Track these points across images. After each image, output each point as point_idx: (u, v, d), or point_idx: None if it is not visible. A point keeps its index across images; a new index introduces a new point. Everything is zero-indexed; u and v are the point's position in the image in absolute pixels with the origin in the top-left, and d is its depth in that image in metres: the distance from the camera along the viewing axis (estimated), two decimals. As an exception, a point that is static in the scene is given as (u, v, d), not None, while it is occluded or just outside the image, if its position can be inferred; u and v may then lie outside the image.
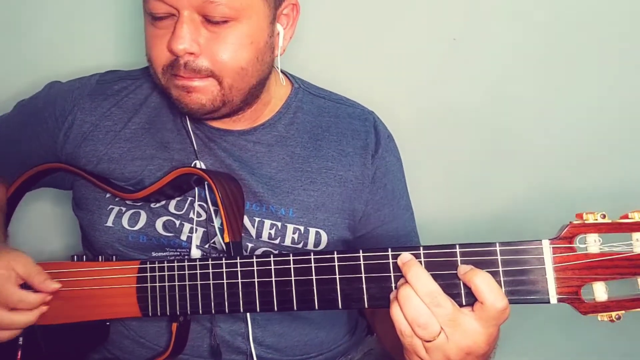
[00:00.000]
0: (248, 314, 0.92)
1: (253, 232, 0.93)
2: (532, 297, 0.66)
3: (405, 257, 0.69)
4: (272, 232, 0.93)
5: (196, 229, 0.92)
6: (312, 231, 0.94)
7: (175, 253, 0.92)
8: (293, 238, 0.93)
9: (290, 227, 0.93)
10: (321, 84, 1.06)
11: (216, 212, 0.92)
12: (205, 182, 0.92)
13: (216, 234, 0.91)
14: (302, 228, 0.93)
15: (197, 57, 0.83)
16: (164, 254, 0.93)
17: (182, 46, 0.81)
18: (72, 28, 1.22)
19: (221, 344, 0.93)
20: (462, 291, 0.68)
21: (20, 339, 0.91)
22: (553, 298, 0.66)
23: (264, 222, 0.93)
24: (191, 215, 0.92)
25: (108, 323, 0.93)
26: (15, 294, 0.82)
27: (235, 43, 0.84)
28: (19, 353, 0.91)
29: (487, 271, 0.66)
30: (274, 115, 0.97)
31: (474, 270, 0.66)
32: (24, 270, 0.83)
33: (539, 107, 1.17)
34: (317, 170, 0.96)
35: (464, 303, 0.68)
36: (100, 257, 0.90)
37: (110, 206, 0.94)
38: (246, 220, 0.92)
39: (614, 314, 0.64)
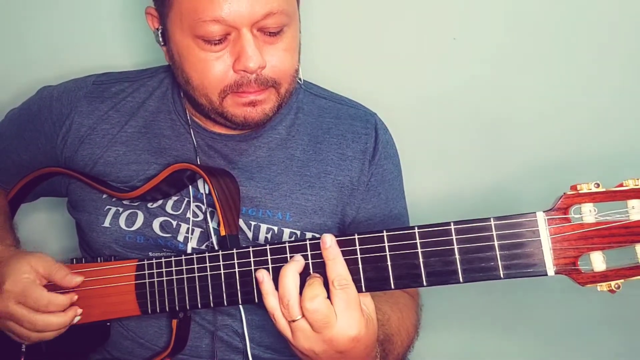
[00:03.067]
0: (243, 315, 0.91)
1: (250, 235, 0.92)
2: (529, 271, 0.65)
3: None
4: (269, 236, 0.92)
5: (193, 230, 0.92)
6: (309, 236, 0.93)
7: (172, 254, 0.92)
8: None
9: (286, 232, 0.93)
10: (321, 84, 1.06)
11: (212, 213, 0.92)
12: (200, 180, 0.93)
13: (214, 235, 0.91)
14: (298, 232, 0.93)
15: (262, 69, 0.84)
16: (161, 254, 0.92)
17: (256, 64, 0.82)
18: (72, 29, 1.24)
19: (219, 344, 0.92)
20: (459, 267, 0.67)
21: (24, 345, 0.91)
22: (550, 270, 0.65)
23: (260, 226, 0.92)
24: (188, 215, 0.92)
25: (108, 324, 0.93)
26: (44, 296, 0.82)
27: (289, 49, 0.86)
28: (22, 358, 0.91)
29: (482, 245, 0.66)
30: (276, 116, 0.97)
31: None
32: (44, 268, 0.84)
33: (533, 90, 1.18)
34: (316, 175, 0.95)
35: (461, 280, 0.67)
36: (99, 258, 0.90)
37: (107, 207, 0.94)
38: (242, 224, 0.92)
39: (613, 283, 0.63)
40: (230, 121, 0.88)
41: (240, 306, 0.90)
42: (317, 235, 0.91)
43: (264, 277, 0.73)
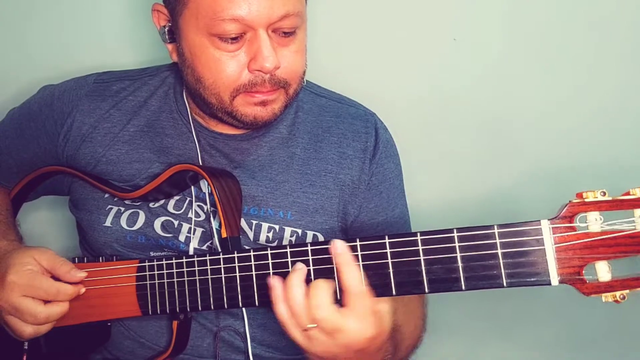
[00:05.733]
0: (245, 315, 0.91)
1: (251, 234, 0.92)
2: (532, 280, 0.64)
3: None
4: (270, 235, 0.92)
5: (194, 230, 0.91)
6: (310, 234, 0.93)
7: (174, 254, 0.92)
8: (290, 241, 0.92)
9: (288, 230, 0.92)
10: (322, 84, 1.05)
11: (214, 212, 0.91)
12: (202, 180, 0.92)
13: (215, 235, 0.91)
14: (299, 231, 0.93)
15: (276, 69, 0.84)
16: (162, 254, 0.92)
17: (272, 64, 0.82)
18: (73, 28, 1.24)
19: (221, 344, 0.92)
20: (462, 275, 0.66)
21: (26, 343, 0.91)
22: (554, 279, 0.64)
23: (261, 225, 0.92)
24: (190, 215, 0.92)
25: (109, 324, 0.93)
26: (53, 286, 0.83)
27: (299, 50, 0.87)
28: (24, 357, 0.91)
29: (486, 253, 0.65)
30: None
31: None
32: (48, 261, 0.84)
33: (534, 92, 1.17)
34: (317, 173, 0.95)
35: (463, 288, 0.66)
36: (100, 257, 0.90)
37: (109, 206, 0.94)
38: (244, 223, 0.92)
39: (618, 293, 0.62)
40: (239, 120, 0.88)
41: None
42: (318, 235, 0.93)
43: (275, 284, 0.72)
